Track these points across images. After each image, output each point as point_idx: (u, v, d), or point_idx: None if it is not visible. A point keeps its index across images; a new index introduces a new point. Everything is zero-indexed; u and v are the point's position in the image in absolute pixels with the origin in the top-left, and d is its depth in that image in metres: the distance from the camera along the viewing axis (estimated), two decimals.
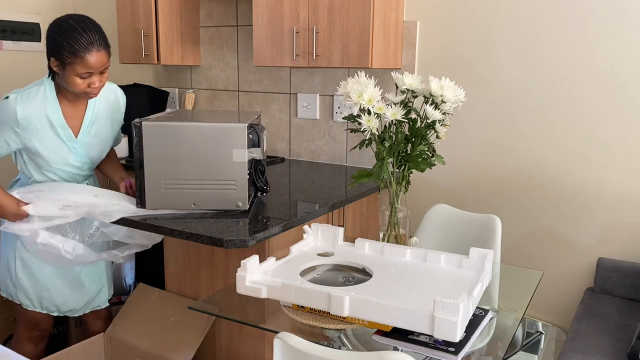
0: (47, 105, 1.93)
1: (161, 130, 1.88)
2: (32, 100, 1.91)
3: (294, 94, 3.08)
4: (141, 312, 2.16)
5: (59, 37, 1.81)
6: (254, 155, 1.95)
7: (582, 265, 2.45)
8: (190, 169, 1.90)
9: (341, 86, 1.65)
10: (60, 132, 1.96)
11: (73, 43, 1.79)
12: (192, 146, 1.89)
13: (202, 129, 1.88)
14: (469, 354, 1.28)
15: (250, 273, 1.41)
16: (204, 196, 1.92)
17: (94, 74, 1.86)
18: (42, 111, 1.92)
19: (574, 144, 2.41)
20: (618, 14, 2.27)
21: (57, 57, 1.83)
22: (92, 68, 1.83)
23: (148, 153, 1.89)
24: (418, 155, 1.67)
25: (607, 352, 1.89)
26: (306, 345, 1.25)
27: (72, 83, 1.85)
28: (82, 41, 1.80)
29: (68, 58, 1.80)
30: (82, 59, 1.80)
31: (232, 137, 1.88)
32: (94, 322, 2.25)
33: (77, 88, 1.86)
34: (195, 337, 1.96)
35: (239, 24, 3.20)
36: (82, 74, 1.83)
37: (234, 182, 1.91)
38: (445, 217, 2.24)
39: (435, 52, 2.67)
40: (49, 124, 1.93)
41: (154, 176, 1.90)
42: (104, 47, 1.86)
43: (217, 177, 1.91)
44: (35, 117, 1.91)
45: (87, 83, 1.86)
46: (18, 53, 3.45)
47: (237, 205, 1.93)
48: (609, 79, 2.32)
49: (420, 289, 1.41)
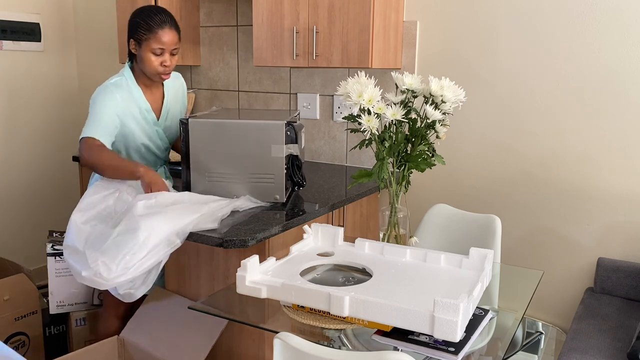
0: (133, 90, 2.12)
1: (206, 127, 2.02)
2: (121, 87, 2.09)
3: (294, 94, 3.08)
4: (155, 315, 2.15)
5: (138, 18, 2.07)
6: (292, 151, 2.08)
7: (582, 265, 2.45)
8: (232, 163, 2.04)
9: (341, 86, 1.65)
10: (147, 115, 2.16)
11: (149, 21, 2.04)
12: (234, 142, 2.02)
13: (243, 126, 2.02)
14: (469, 354, 1.28)
15: (250, 273, 1.41)
16: (244, 189, 2.05)
17: (166, 51, 2.06)
18: (131, 97, 2.11)
19: (574, 143, 2.41)
20: (618, 14, 2.26)
21: (134, 36, 2.07)
22: (164, 44, 2.05)
23: (194, 148, 2.03)
24: (418, 155, 1.66)
25: (607, 352, 1.89)
26: (306, 345, 1.25)
27: (147, 60, 2.06)
28: (156, 19, 2.05)
29: (144, 34, 2.04)
30: (155, 34, 2.03)
31: (271, 134, 2.00)
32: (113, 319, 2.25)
33: (152, 65, 2.06)
34: (207, 341, 1.95)
35: (239, 24, 3.20)
36: (155, 49, 2.04)
37: (272, 176, 2.04)
38: (445, 217, 2.24)
39: (435, 52, 2.67)
40: (138, 108, 2.12)
41: (199, 169, 2.05)
42: (175, 28, 2.09)
43: (256, 171, 2.04)
44: (127, 102, 2.09)
45: (160, 61, 2.07)
46: (18, 53, 3.45)
47: (275, 198, 2.06)
48: (609, 79, 2.32)
49: (420, 289, 1.41)
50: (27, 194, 3.59)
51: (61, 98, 3.72)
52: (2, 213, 3.47)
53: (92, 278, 1.69)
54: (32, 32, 3.50)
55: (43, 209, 3.66)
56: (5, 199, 3.48)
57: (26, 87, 3.53)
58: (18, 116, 3.50)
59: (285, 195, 2.07)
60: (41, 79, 3.60)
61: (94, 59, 3.74)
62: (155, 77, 2.11)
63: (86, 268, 1.70)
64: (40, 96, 3.61)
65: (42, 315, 2.51)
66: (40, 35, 3.55)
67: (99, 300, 2.44)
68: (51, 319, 2.53)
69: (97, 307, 2.46)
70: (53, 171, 3.71)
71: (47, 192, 3.69)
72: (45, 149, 3.67)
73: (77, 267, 1.74)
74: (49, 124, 3.67)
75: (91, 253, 1.72)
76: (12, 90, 3.46)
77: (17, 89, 3.47)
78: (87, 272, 1.70)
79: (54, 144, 3.71)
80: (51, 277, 2.37)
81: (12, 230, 3.51)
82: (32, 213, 3.61)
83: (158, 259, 1.76)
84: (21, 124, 3.53)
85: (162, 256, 1.77)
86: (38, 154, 3.63)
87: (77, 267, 1.74)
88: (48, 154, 3.68)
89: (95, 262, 1.69)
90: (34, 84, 3.57)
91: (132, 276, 1.72)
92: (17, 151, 3.52)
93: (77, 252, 1.77)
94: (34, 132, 3.60)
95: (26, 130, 3.56)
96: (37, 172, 3.63)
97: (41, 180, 3.66)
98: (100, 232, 1.80)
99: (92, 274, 1.69)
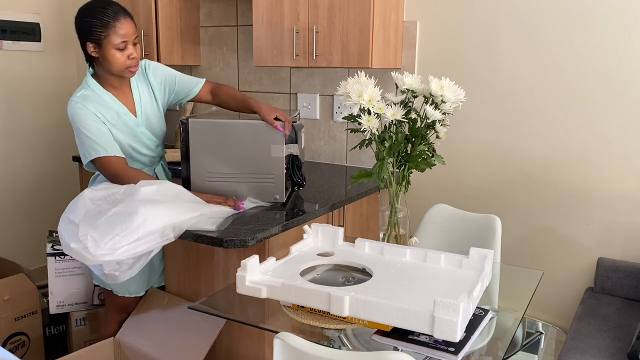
0: (104, 97, 2.01)
1: (206, 127, 2.02)
2: (89, 99, 1.98)
3: (294, 94, 3.08)
4: (151, 316, 2.15)
5: (87, 18, 1.91)
6: (292, 151, 2.07)
7: (582, 265, 2.45)
8: (232, 163, 2.03)
9: (341, 86, 1.65)
10: (126, 119, 2.04)
11: (101, 17, 1.89)
12: (234, 142, 2.02)
13: (243, 126, 2.02)
14: (469, 354, 1.28)
15: (250, 273, 1.41)
16: (244, 189, 2.05)
17: (129, 42, 1.93)
18: (104, 104, 1.99)
19: (574, 143, 2.41)
20: (618, 14, 2.26)
21: (91, 38, 1.91)
22: (125, 36, 1.91)
23: (193, 147, 2.03)
24: (418, 155, 1.66)
25: (607, 352, 1.89)
26: (306, 345, 1.25)
27: (112, 59, 1.93)
28: (108, 12, 1.90)
29: (102, 32, 1.89)
30: (114, 28, 1.89)
31: (271, 134, 1.99)
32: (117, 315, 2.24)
33: (119, 63, 1.93)
34: (204, 342, 1.95)
35: (239, 24, 3.20)
36: (118, 44, 1.91)
37: (272, 176, 2.04)
38: (445, 217, 2.24)
39: (435, 52, 2.67)
40: (115, 114, 2.01)
41: (199, 169, 2.05)
42: (129, 16, 1.96)
43: (256, 171, 2.04)
44: (102, 112, 1.98)
45: (127, 55, 1.94)
46: (18, 53, 3.45)
47: (275, 197, 2.06)
48: (609, 79, 2.32)
49: (420, 289, 1.41)
50: (27, 194, 3.59)
51: (61, 98, 3.72)
52: (2, 213, 3.47)
53: (79, 251, 1.68)
54: (32, 32, 3.50)
55: (43, 209, 3.66)
56: (5, 199, 3.48)
57: (26, 87, 3.52)
58: (18, 116, 3.50)
59: (285, 195, 2.07)
60: (41, 79, 3.60)
61: None
62: (126, 72, 1.98)
63: (76, 240, 1.69)
64: (40, 96, 3.61)
65: (42, 315, 2.51)
66: (40, 35, 3.55)
67: (99, 300, 2.44)
68: (51, 319, 2.53)
69: (97, 307, 2.46)
70: (53, 171, 3.71)
71: (47, 192, 3.69)
72: (45, 149, 3.66)
73: (67, 238, 1.72)
74: (49, 124, 3.67)
75: (84, 226, 1.70)
76: (12, 90, 3.45)
77: (16, 89, 3.47)
78: (75, 245, 1.68)
79: (54, 144, 3.70)
80: (51, 277, 2.37)
81: (12, 230, 3.51)
82: (32, 213, 3.61)
83: (149, 248, 1.74)
84: (21, 124, 3.53)
85: (153, 246, 1.75)
86: (38, 154, 3.63)
87: (67, 238, 1.73)
88: (48, 154, 3.68)
89: (85, 235, 1.67)
90: (34, 84, 3.57)
91: (118, 258, 1.70)
92: (17, 151, 3.52)
93: (72, 224, 1.75)
94: (34, 132, 3.60)
95: (26, 130, 3.55)
96: (37, 172, 3.63)
97: (41, 180, 3.66)
98: (99, 210, 1.78)
99: (81, 247, 1.67)
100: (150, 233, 1.72)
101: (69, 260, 2.36)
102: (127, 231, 1.68)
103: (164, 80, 2.16)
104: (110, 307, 2.24)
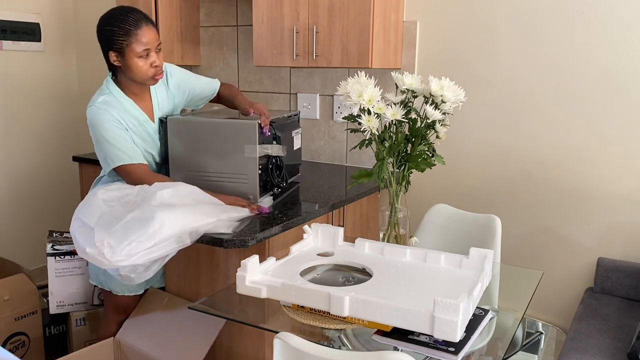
0: (125, 104, 1.99)
1: (182, 125, 2.02)
2: (111, 105, 1.96)
3: (294, 94, 3.08)
4: (151, 316, 2.15)
5: (109, 26, 1.88)
6: (268, 151, 2.01)
7: (582, 265, 2.45)
8: (208, 162, 2.02)
9: (341, 86, 1.65)
10: (146, 126, 2.04)
11: (123, 25, 1.87)
12: (209, 141, 2.00)
13: (217, 125, 2.00)
14: (469, 354, 1.28)
15: (250, 273, 1.41)
16: (221, 189, 2.01)
17: (151, 50, 1.91)
18: (125, 111, 1.98)
19: (574, 143, 2.41)
20: (619, 14, 2.26)
21: (113, 47, 1.89)
22: (148, 44, 1.89)
23: (172, 145, 2.04)
24: (418, 155, 1.66)
25: (607, 352, 1.89)
26: (306, 345, 1.25)
27: (136, 68, 1.91)
28: (130, 20, 1.87)
29: (124, 41, 1.87)
30: (136, 36, 1.87)
31: (244, 133, 1.96)
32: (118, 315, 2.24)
33: (142, 71, 1.92)
34: (204, 342, 1.95)
35: (239, 24, 3.20)
36: (140, 52, 1.88)
37: (246, 177, 2.00)
38: (445, 217, 2.24)
39: (435, 52, 2.67)
40: (136, 121, 2.00)
41: (178, 168, 2.05)
42: (152, 24, 1.94)
43: (231, 170, 2.01)
44: (124, 118, 1.97)
45: (150, 63, 1.92)
46: (18, 53, 3.45)
47: (249, 198, 2.00)
48: (609, 79, 2.32)
49: (420, 289, 1.41)
50: (27, 194, 3.59)
51: (61, 98, 3.72)
52: (3, 213, 3.47)
53: (95, 256, 1.67)
54: (32, 32, 3.50)
55: (43, 209, 3.66)
56: (6, 199, 3.48)
57: (26, 87, 3.52)
58: (18, 116, 3.50)
59: (259, 196, 2.02)
60: (41, 79, 3.60)
61: (94, 59, 3.73)
62: (150, 81, 1.96)
63: (91, 245, 1.67)
64: (40, 96, 3.61)
65: (42, 315, 2.51)
66: (40, 35, 3.55)
67: (99, 300, 2.44)
68: (51, 319, 2.53)
69: (97, 307, 2.46)
70: (53, 171, 3.71)
71: (47, 192, 3.69)
72: (45, 149, 3.66)
73: (82, 242, 1.71)
74: (49, 124, 3.67)
75: (99, 231, 1.69)
76: (12, 90, 3.45)
77: (16, 89, 3.47)
78: (91, 250, 1.67)
79: (54, 144, 3.71)
80: (51, 277, 2.37)
81: (12, 230, 3.51)
82: (32, 213, 3.61)
83: (165, 252, 1.73)
84: (21, 124, 3.52)
85: (169, 251, 1.74)
86: (38, 154, 3.63)
87: (81, 242, 1.71)
88: (48, 154, 3.68)
89: (101, 241, 1.66)
90: (34, 84, 3.56)
91: (134, 263, 1.70)
92: (17, 151, 3.52)
93: (86, 227, 1.73)
94: (34, 132, 3.60)
95: (26, 130, 3.55)
96: (37, 172, 3.63)
97: (41, 180, 3.66)
98: (115, 214, 1.76)
99: (96, 252, 1.66)
100: (166, 238, 1.71)
101: (69, 260, 2.36)
102: (144, 237, 1.68)
103: (183, 85, 2.17)
104: (109, 308, 2.23)
